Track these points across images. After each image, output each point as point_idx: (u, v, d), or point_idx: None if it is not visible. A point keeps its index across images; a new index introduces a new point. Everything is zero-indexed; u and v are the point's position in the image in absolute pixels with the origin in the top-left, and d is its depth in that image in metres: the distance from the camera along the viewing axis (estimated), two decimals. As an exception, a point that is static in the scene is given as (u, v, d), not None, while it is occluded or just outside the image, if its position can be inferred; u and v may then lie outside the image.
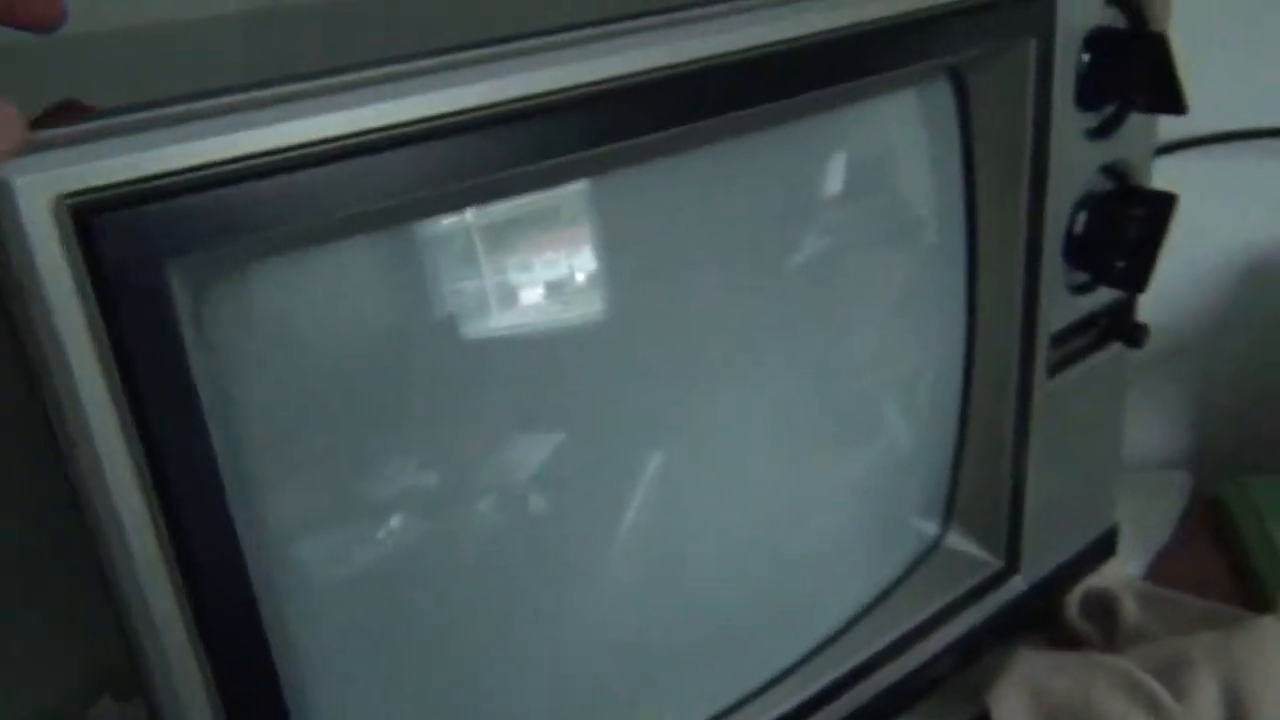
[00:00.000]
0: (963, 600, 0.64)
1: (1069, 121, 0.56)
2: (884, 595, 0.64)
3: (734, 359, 0.52)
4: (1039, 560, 0.67)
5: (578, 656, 0.52)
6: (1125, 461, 0.72)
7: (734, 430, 0.54)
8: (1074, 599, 0.72)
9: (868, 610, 0.63)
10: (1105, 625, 0.70)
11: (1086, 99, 0.56)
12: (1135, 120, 0.59)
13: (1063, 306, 0.61)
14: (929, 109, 0.54)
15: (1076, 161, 0.57)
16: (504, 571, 0.47)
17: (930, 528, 0.65)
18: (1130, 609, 0.69)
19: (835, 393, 0.58)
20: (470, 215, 0.41)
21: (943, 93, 0.54)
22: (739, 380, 0.53)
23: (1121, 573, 0.74)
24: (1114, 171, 0.60)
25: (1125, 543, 0.75)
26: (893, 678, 0.62)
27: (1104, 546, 0.72)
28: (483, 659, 0.49)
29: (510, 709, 0.50)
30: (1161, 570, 0.79)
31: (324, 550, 0.41)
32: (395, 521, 0.43)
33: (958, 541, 0.65)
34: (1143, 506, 0.81)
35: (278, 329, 0.37)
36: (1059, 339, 0.61)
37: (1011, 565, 0.65)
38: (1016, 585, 0.66)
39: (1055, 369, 0.62)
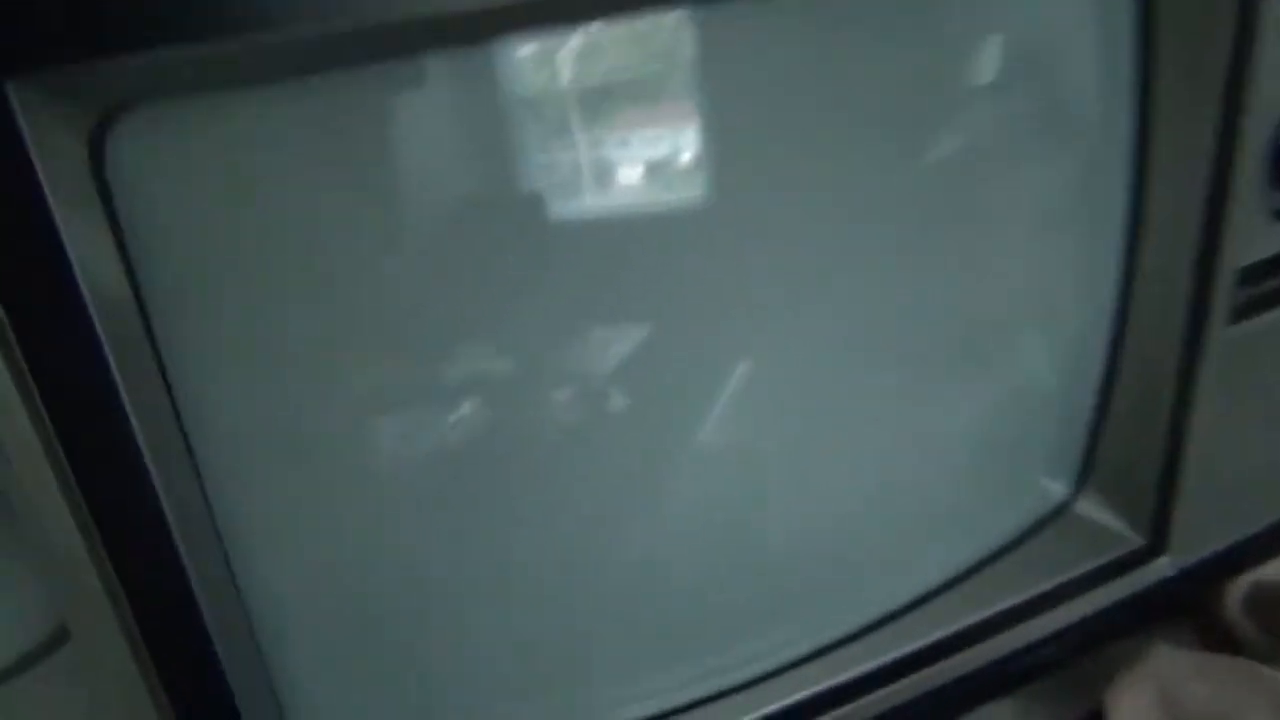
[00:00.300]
0: (1089, 578, 0.54)
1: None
2: (991, 559, 0.54)
3: (842, 260, 0.44)
4: (1194, 542, 0.55)
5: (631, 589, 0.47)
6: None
7: (832, 345, 0.46)
8: (1238, 591, 0.59)
9: (969, 574, 0.54)
10: (1274, 626, 0.58)
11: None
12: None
13: (1261, 236, 0.48)
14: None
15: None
16: (556, 483, 0.43)
17: (1058, 488, 0.55)
18: (1311, 611, 0.57)
19: (956, 312, 0.48)
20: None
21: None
22: (844, 288, 0.45)
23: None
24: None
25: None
26: (989, 656, 0.53)
27: (1288, 531, 0.60)
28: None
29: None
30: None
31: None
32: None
33: (1091, 509, 0.54)
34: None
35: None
36: (1252, 275, 0.48)
37: (1156, 544, 0.54)
38: (1160, 568, 0.55)
39: (1242, 312, 0.49)
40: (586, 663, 0.49)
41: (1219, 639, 0.60)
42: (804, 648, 0.51)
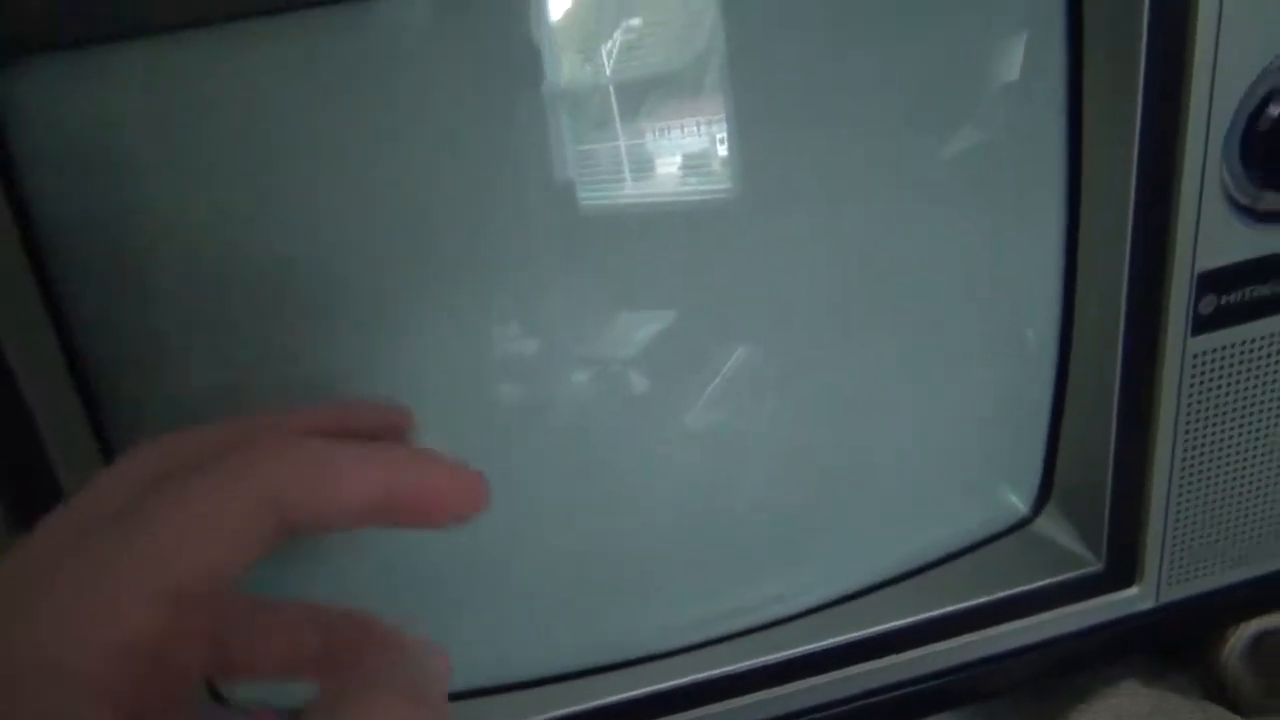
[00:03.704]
0: (1045, 595, 0.50)
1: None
2: (950, 558, 0.52)
3: (842, 247, 0.45)
4: (1180, 575, 0.51)
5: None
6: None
7: (824, 329, 0.47)
8: (1244, 634, 0.54)
9: (928, 567, 0.51)
10: (1272, 675, 0.52)
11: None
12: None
13: (1234, 236, 0.44)
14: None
15: (1267, 19, 0.40)
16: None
17: (1017, 501, 0.52)
18: (1314, 667, 0.51)
19: (902, 298, 0.47)
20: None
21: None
22: (842, 274, 0.45)
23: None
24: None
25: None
26: (939, 664, 0.51)
27: (1305, 579, 0.53)
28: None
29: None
30: None
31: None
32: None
33: (1049, 526, 0.51)
34: None
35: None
36: (1221, 280, 0.44)
37: (1118, 572, 0.50)
38: (1132, 600, 0.51)
39: (1210, 322, 0.45)
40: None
41: (1217, 687, 0.54)
42: (752, 619, 0.51)
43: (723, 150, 0.42)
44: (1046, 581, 0.50)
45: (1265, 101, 0.42)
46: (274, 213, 0.39)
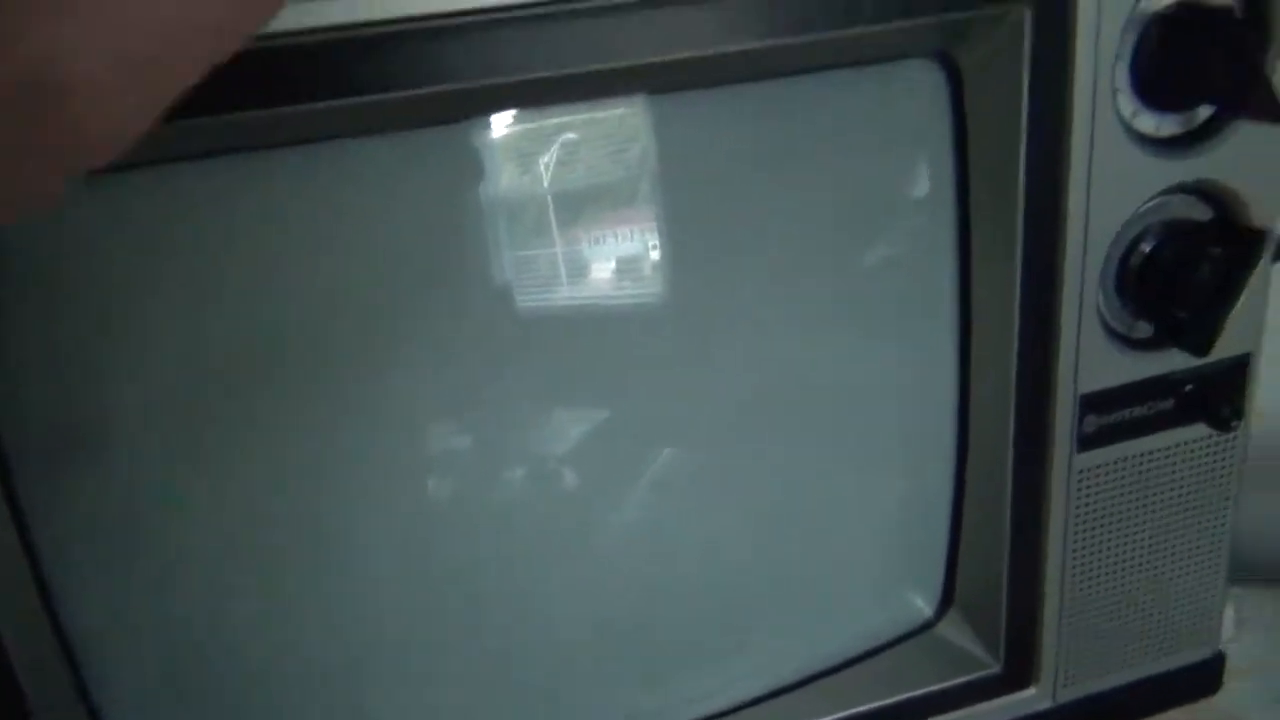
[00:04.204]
0: (946, 697, 0.52)
1: (1114, 123, 0.43)
2: (851, 663, 0.54)
3: (720, 352, 0.47)
4: (1075, 676, 0.53)
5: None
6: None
7: (717, 430, 0.49)
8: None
9: (828, 672, 0.53)
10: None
11: (1156, 95, 0.43)
12: (1248, 133, 0.44)
13: (1112, 361, 0.47)
14: (914, 91, 0.44)
15: (1132, 174, 0.44)
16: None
17: (922, 604, 0.54)
18: (1202, 768, 0.53)
19: (811, 406, 0.49)
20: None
21: (930, 75, 0.44)
22: (720, 376, 0.48)
23: (1218, 717, 0.57)
24: (1204, 194, 0.45)
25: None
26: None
27: (1198, 679, 0.56)
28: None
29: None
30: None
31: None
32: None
33: (951, 630, 0.53)
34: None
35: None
36: (1101, 402, 0.48)
37: (1016, 673, 0.52)
38: (1030, 700, 0.53)
39: (1094, 440, 0.48)
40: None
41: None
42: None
43: (654, 255, 0.45)
44: (949, 683, 0.52)
45: (1137, 241, 0.46)
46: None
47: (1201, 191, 0.46)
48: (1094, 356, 0.47)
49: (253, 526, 0.43)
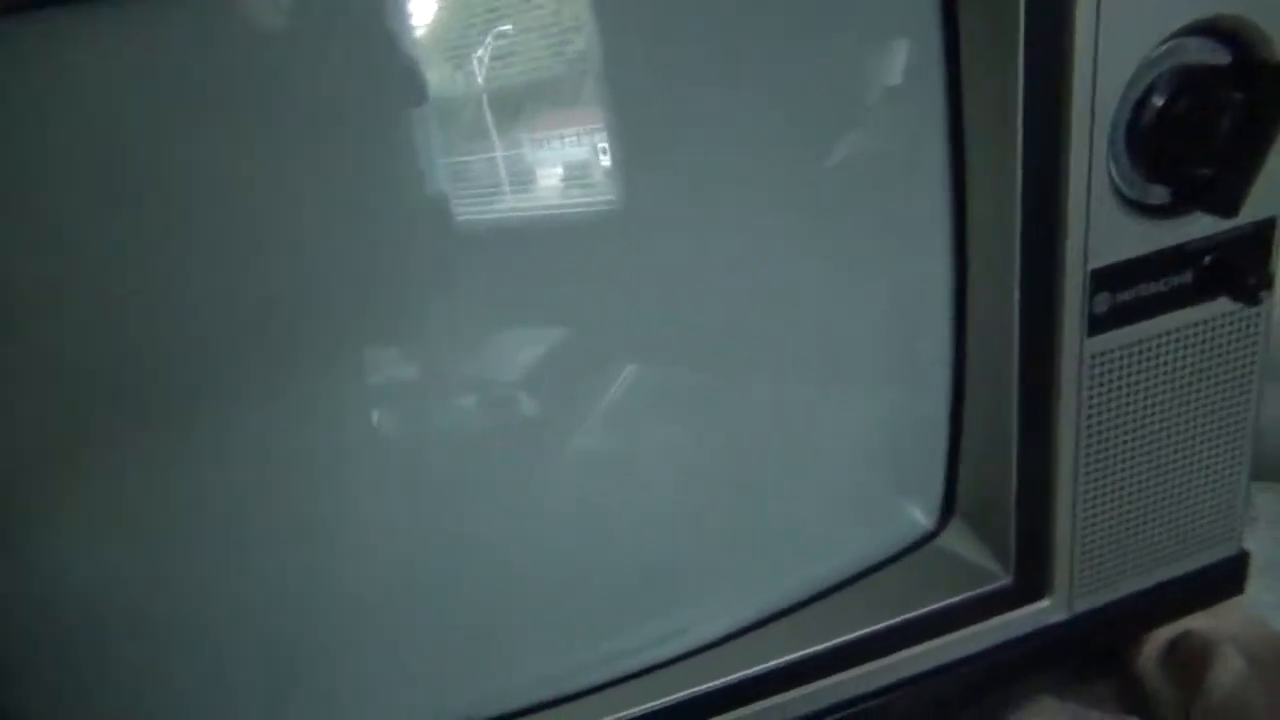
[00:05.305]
0: (954, 613, 0.48)
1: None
2: (851, 580, 0.49)
3: (730, 262, 0.43)
4: (1092, 585, 0.49)
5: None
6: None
7: (713, 348, 0.44)
8: (1154, 646, 0.52)
9: (826, 593, 0.49)
10: (1187, 682, 0.51)
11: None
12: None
13: (1125, 232, 0.42)
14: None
15: (1141, 12, 0.38)
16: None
17: (921, 517, 0.50)
18: (1229, 666, 0.49)
19: (793, 312, 0.45)
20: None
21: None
22: (728, 290, 0.43)
23: (1241, 617, 0.53)
24: (1220, 34, 0.40)
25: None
26: (850, 692, 0.48)
27: (1219, 580, 0.52)
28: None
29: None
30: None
31: None
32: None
33: (955, 541, 0.49)
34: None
35: None
36: (1114, 277, 0.43)
37: (1029, 585, 0.48)
38: (1045, 612, 0.49)
39: (1107, 321, 0.43)
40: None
41: (1138, 696, 0.53)
42: (655, 655, 0.48)
43: (605, 161, 0.40)
44: (955, 599, 0.48)
45: (1148, 93, 0.41)
46: (133, 229, 0.36)
47: (1217, 31, 0.40)
48: (1105, 227, 0.42)
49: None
